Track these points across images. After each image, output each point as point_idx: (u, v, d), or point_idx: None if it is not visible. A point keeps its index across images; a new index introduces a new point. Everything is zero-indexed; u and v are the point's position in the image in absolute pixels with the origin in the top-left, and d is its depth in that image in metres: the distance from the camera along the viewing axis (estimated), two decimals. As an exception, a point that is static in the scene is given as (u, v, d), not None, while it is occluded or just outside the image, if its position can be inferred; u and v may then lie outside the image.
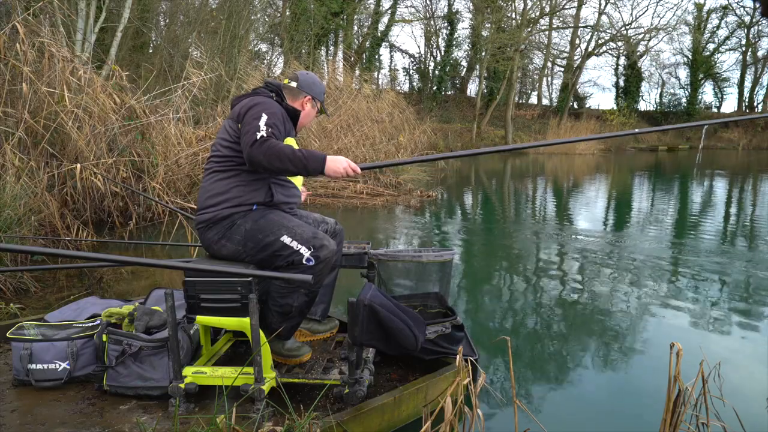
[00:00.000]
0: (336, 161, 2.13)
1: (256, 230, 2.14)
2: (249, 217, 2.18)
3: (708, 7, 35.22)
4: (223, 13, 12.49)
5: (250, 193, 2.20)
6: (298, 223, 2.18)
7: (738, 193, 11.46)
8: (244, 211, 2.19)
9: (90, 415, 2.10)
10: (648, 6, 55.02)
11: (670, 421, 1.58)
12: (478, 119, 26.30)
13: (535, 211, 8.69)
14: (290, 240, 2.11)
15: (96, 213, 5.81)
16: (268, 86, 2.40)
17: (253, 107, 2.17)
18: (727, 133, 33.84)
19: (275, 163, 2.06)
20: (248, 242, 2.15)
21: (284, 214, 2.23)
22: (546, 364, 2.85)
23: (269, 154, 2.05)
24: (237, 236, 2.16)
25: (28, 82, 5.31)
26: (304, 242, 2.10)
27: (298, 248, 2.09)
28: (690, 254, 5.34)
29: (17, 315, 3.18)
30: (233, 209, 2.18)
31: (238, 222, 2.17)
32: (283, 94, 2.39)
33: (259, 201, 2.21)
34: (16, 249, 1.50)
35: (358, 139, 10.30)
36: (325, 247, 2.11)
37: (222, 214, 2.18)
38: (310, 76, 2.47)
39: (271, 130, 2.10)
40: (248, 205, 2.20)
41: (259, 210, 2.20)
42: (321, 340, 2.62)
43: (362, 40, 27.05)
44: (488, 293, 4.15)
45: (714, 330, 3.33)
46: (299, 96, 2.41)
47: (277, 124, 2.15)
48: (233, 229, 2.17)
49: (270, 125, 2.11)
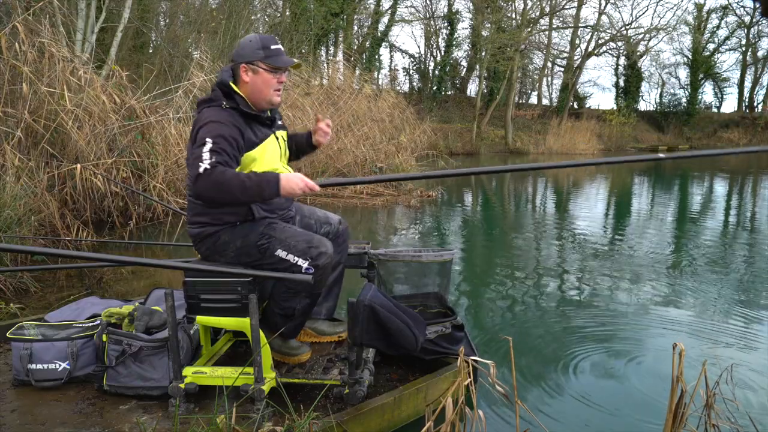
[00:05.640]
0: (291, 181, 1.94)
1: (247, 246, 2.07)
2: (236, 233, 2.08)
3: (708, 7, 35.19)
4: (223, 13, 12.48)
5: (228, 214, 2.08)
6: (291, 233, 2.08)
7: (738, 193, 11.45)
8: (228, 227, 2.09)
9: (90, 415, 2.10)
10: (648, 6, 55.00)
11: (673, 422, 1.58)
12: (478, 119, 26.27)
13: (535, 211, 8.68)
14: (286, 254, 2.03)
15: (96, 213, 5.81)
16: (220, 86, 2.10)
17: (198, 131, 1.98)
18: (727, 134, 33.80)
19: (225, 197, 1.90)
20: (242, 257, 2.09)
21: (274, 225, 2.11)
22: (547, 364, 2.85)
23: (216, 189, 1.88)
24: (229, 252, 2.09)
25: (28, 82, 5.31)
26: (300, 254, 2.03)
27: (295, 261, 2.03)
28: (691, 254, 5.33)
29: (17, 315, 3.18)
30: (216, 228, 2.09)
31: (225, 239, 2.09)
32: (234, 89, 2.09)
33: (239, 219, 2.09)
34: (16, 249, 1.50)
35: (358, 138, 10.29)
36: (322, 255, 2.03)
37: (207, 232, 2.10)
38: (240, 41, 2.13)
39: (215, 159, 1.89)
40: (230, 222, 2.09)
41: (244, 225, 2.09)
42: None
43: (362, 40, 27.04)
44: (488, 293, 4.14)
45: (717, 331, 3.33)
46: (237, 72, 2.09)
47: (224, 148, 1.92)
48: (222, 245, 2.10)
49: (215, 151, 1.90)
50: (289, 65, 2.11)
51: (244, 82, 2.09)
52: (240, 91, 2.10)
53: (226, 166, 1.93)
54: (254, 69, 2.07)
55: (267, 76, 2.08)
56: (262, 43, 2.07)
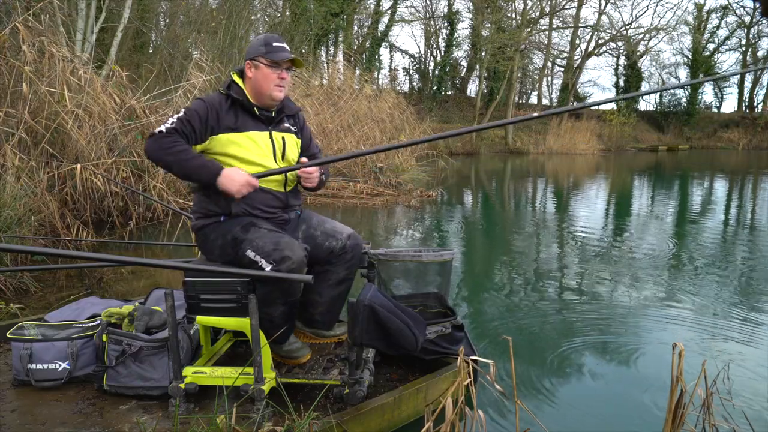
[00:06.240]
0: (230, 178, 2.04)
1: (225, 245, 2.13)
2: (219, 230, 2.15)
3: (708, 7, 35.29)
4: (223, 13, 12.49)
5: (211, 205, 2.15)
6: (262, 234, 2.08)
7: (738, 192, 11.45)
8: (213, 223, 2.16)
9: (90, 415, 2.10)
10: (648, 6, 55.13)
11: (672, 421, 1.58)
12: (478, 119, 26.30)
13: (535, 210, 8.68)
14: (254, 254, 2.04)
15: (96, 213, 5.81)
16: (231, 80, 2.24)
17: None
18: (727, 133, 33.83)
19: (164, 159, 2.01)
20: (224, 256, 2.15)
21: (251, 225, 2.12)
22: (546, 364, 2.85)
23: (158, 149, 2.00)
24: (216, 250, 2.17)
25: (29, 82, 5.31)
26: (264, 256, 2.02)
27: (260, 263, 2.02)
28: (691, 254, 5.34)
29: (17, 315, 3.18)
30: (203, 221, 2.18)
31: (212, 237, 2.16)
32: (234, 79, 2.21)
33: (220, 212, 2.15)
34: (16, 249, 1.50)
35: (358, 138, 10.30)
36: (286, 259, 1.98)
37: (199, 224, 2.19)
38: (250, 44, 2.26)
39: (175, 126, 2.01)
40: (215, 216, 2.16)
41: (227, 221, 2.15)
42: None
43: (362, 40, 27.04)
44: (488, 293, 4.14)
45: (717, 331, 3.33)
46: (244, 69, 2.21)
47: (191, 120, 2.04)
48: (209, 243, 2.18)
49: (180, 120, 2.03)
50: (286, 59, 2.16)
51: (248, 77, 2.19)
52: (244, 87, 2.21)
53: (183, 135, 2.04)
54: (256, 64, 2.16)
55: (267, 71, 2.15)
56: (265, 40, 2.17)
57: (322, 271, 2.33)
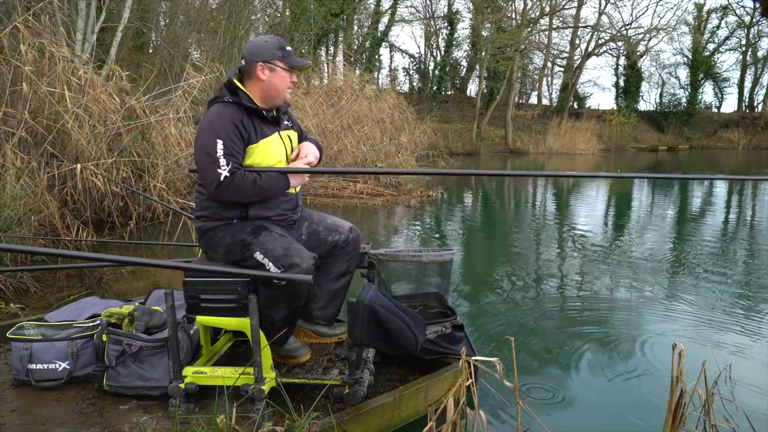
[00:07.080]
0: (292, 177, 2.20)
1: (233, 245, 2.14)
2: (229, 230, 2.17)
3: (708, 7, 35.25)
4: (223, 13, 12.49)
5: (226, 210, 2.18)
6: (273, 238, 2.12)
7: (738, 193, 11.45)
8: (224, 224, 2.19)
9: (90, 415, 2.10)
10: (648, 6, 55.09)
11: (672, 421, 1.58)
12: (478, 119, 26.27)
13: (535, 211, 8.68)
14: (262, 257, 2.08)
15: (96, 213, 5.81)
16: (226, 84, 2.18)
17: (205, 137, 2.06)
18: (727, 134, 33.81)
19: (244, 201, 2.13)
20: (229, 255, 2.17)
21: (262, 228, 2.16)
22: (547, 364, 2.85)
23: (236, 195, 2.09)
24: (220, 249, 2.18)
25: (29, 82, 5.30)
26: (273, 260, 2.06)
27: (267, 265, 2.06)
28: (691, 254, 5.33)
29: (17, 315, 3.18)
30: (215, 223, 2.19)
31: (219, 234, 2.18)
32: (237, 85, 2.17)
33: (236, 216, 2.18)
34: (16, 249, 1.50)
35: (359, 138, 10.30)
36: (295, 266, 2.03)
37: (207, 227, 2.21)
38: (254, 42, 2.21)
39: (232, 165, 2.03)
40: (227, 219, 2.18)
41: (239, 223, 2.18)
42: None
43: (362, 40, 27.04)
44: (488, 293, 4.14)
45: (717, 330, 3.33)
46: (252, 70, 2.16)
47: (234, 148, 2.05)
48: (216, 240, 2.19)
49: (228, 155, 2.03)
50: (304, 65, 2.25)
51: (259, 79, 2.17)
52: (250, 89, 2.19)
53: (240, 167, 2.09)
54: (272, 67, 2.17)
55: (284, 74, 2.19)
56: (279, 44, 2.20)
57: (324, 264, 2.38)
